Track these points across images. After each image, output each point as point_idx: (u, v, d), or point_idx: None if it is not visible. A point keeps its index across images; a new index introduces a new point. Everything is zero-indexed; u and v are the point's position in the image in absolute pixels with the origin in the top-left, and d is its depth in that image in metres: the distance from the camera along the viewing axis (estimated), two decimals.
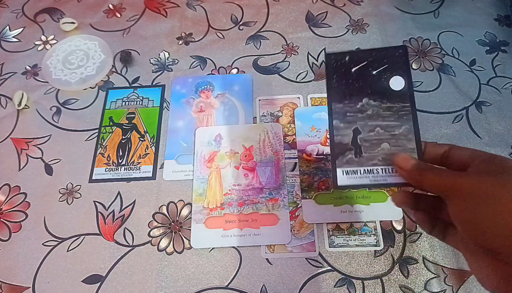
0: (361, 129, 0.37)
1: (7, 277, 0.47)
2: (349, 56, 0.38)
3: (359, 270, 0.45)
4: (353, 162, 0.37)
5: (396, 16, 0.64)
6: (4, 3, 0.71)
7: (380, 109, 0.37)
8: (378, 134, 0.37)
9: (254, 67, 0.60)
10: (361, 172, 0.36)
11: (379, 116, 0.37)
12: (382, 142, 0.36)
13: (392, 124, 0.37)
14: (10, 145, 0.56)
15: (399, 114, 0.37)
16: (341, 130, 0.37)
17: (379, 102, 0.37)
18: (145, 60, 0.62)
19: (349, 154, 0.37)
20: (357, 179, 0.36)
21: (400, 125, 0.36)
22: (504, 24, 0.62)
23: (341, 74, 0.38)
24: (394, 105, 0.37)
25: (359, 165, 0.37)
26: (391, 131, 0.36)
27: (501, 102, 0.55)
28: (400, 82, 0.37)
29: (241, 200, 0.49)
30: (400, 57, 0.38)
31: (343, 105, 0.38)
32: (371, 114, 0.37)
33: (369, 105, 0.37)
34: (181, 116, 0.56)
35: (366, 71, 0.38)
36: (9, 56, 0.64)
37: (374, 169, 0.36)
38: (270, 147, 0.53)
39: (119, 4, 0.69)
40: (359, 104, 0.37)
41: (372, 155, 0.36)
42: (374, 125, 0.37)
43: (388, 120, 0.37)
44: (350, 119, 0.37)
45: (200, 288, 0.45)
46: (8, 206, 0.51)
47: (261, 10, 0.67)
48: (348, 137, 0.37)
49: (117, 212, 0.50)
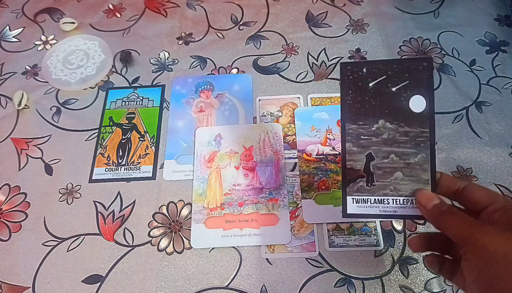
0: (374, 155, 0.35)
1: (7, 277, 0.47)
2: (366, 67, 0.35)
3: (359, 270, 0.45)
4: (364, 190, 0.35)
5: (396, 16, 0.64)
6: (4, 3, 0.71)
7: (396, 133, 0.35)
8: (392, 162, 0.35)
9: (254, 67, 0.60)
10: (371, 201, 0.35)
11: (395, 142, 0.35)
12: (395, 171, 0.35)
13: (407, 152, 0.34)
14: (10, 145, 0.56)
15: (417, 141, 0.34)
16: (353, 155, 0.35)
17: (396, 125, 0.35)
18: (145, 60, 0.62)
19: (360, 182, 0.35)
20: (367, 208, 0.35)
21: (416, 153, 0.34)
22: (504, 24, 0.62)
23: (357, 89, 0.35)
24: (412, 130, 0.34)
25: (370, 194, 0.35)
26: (406, 159, 0.34)
27: (501, 102, 0.55)
28: (421, 102, 0.34)
29: (241, 200, 0.49)
30: (423, 71, 0.34)
31: (357, 126, 0.35)
32: (386, 138, 0.35)
33: (385, 128, 0.35)
34: (181, 116, 0.56)
35: (385, 87, 0.35)
36: (9, 56, 0.64)
37: (385, 199, 0.35)
38: (270, 146, 0.53)
39: (119, 4, 0.69)
40: (375, 126, 0.35)
41: (384, 184, 0.35)
42: (389, 151, 0.35)
43: (404, 147, 0.34)
44: (364, 143, 0.35)
45: (200, 288, 0.45)
46: (8, 206, 0.51)
47: (261, 10, 0.67)
48: (360, 163, 0.35)
49: (117, 212, 0.50)
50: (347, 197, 0.36)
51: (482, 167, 0.50)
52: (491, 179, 0.49)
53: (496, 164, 0.50)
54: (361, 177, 0.35)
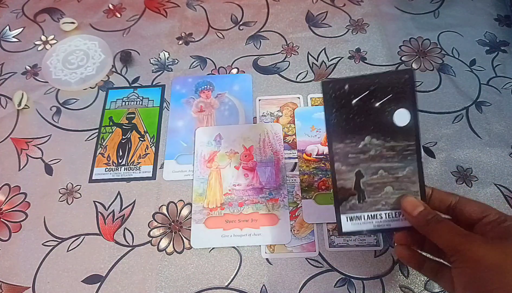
0: (363, 173, 0.35)
1: (7, 277, 0.47)
2: (348, 84, 0.34)
3: (359, 270, 0.45)
4: (356, 208, 0.36)
5: (396, 16, 0.64)
6: (4, 3, 0.71)
7: (383, 148, 0.35)
8: (382, 177, 0.35)
9: (254, 67, 0.60)
10: (364, 217, 0.36)
11: (382, 157, 0.35)
12: (385, 185, 0.35)
13: (395, 166, 0.35)
14: (10, 145, 0.56)
15: (403, 154, 0.35)
16: (343, 174, 0.36)
17: (383, 140, 0.35)
18: (145, 60, 0.62)
19: (352, 199, 0.36)
20: (361, 224, 0.36)
21: (404, 166, 0.35)
22: (504, 24, 0.62)
23: (340, 107, 0.35)
24: (398, 144, 0.35)
25: (363, 211, 0.36)
26: (395, 173, 0.35)
27: (501, 102, 0.55)
28: (405, 116, 0.34)
29: (241, 200, 0.49)
30: (406, 84, 0.35)
31: (344, 145, 0.35)
32: (374, 155, 0.35)
33: (371, 144, 0.35)
34: (181, 116, 0.56)
35: (368, 103, 0.35)
36: (9, 56, 0.64)
37: (377, 214, 0.36)
38: (270, 146, 0.53)
39: (119, 4, 0.69)
40: (361, 144, 0.35)
41: (376, 200, 0.36)
42: (377, 167, 0.35)
43: (391, 161, 0.35)
44: (352, 162, 0.35)
45: (200, 288, 0.45)
46: (8, 206, 0.51)
47: (261, 10, 0.67)
48: (351, 181, 0.36)
49: (117, 212, 0.50)
50: (341, 216, 0.36)
51: (482, 167, 0.50)
52: (491, 179, 0.49)
53: (496, 164, 0.50)
54: (352, 194, 0.36)
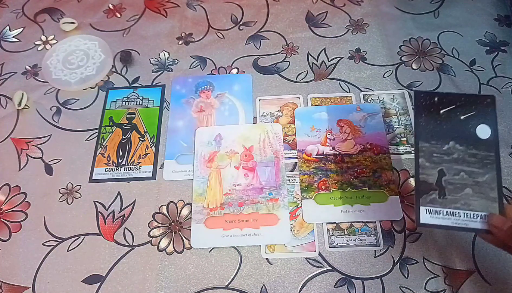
0: (446, 172, 0.39)
1: (7, 277, 0.47)
2: (438, 97, 0.40)
3: (359, 270, 0.45)
4: (436, 202, 0.38)
5: (396, 16, 0.64)
6: (4, 3, 0.71)
7: (465, 154, 0.39)
8: (463, 179, 0.38)
9: (254, 67, 0.60)
10: (443, 213, 0.38)
11: (464, 161, 0.39)
12: (466, 187, 0.38)
13: (476, 171, 0.38)
14: (10, 145, 0.56)
15: (484, 162, 0.38)
16: (426, 170, 0.39)
17: (465, 147, 0.39)
18: (145, 60, 0.62)
19: (433, 194, 0.39)
20: (439, 219, 0.38)
21: (484, 173, 0.38)
22: (504, 24, 0.62)
23: (429, 113, 0.40)
24: (480, 153, 0.39)
25: (442, 206, 0.38)
26: (475, 177, 0.38)
27: (501, 102, 0.55)
28: (486, 131, 0.39)
29: (241, 200, 0.49)
30: (488, 106, 0.40)
31: (429, 145, 0.39)
32: (457, 158, 0.39)
33: (455, 148, 0.39)
34: (181, 116, 0.56)
35: (454, 115, 0.40)
36: (9, 56, 0.64)
37: (456, 212, 0.38)
38: (270, 146, 0.53)
39: (119, 4, 0.69)
40: (446, 147, 0.39)
41: (455, 198, 0.38)
42: (459, 169, 0.39)
43: (473, 166, 0.39)
44: (436, 160, 0.39)
45: (200, 288, 0.45)
46: (8, 206, 0.51)
47: (261, 10, 0.67)
48: (433, 177, 0.39)
49: (117, 212, 0.50)
50: (420, 207, 0.39)
51: None
52: None
53: None
54: (433, 189, 0.39)
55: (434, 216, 0.38)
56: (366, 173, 0.50)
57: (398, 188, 0.49)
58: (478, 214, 0.38)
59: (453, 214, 0.38)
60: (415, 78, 0.57)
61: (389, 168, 0.50)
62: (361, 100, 0.56)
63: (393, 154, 0.51)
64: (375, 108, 0.54)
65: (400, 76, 0.58)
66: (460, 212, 0.38)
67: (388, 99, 0.56)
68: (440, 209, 0.38)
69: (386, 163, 0.50)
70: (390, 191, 0.48)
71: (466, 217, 0.38)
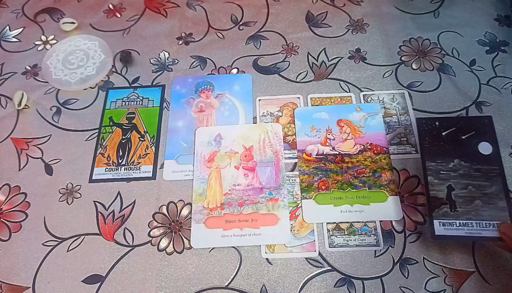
0: (454, 187, 0.42)
1: (7, 277, 0.47)
2: (438, 121, 0.45)
3: (359, 270, 0.45)
4: (448, 215, 0.41)
5: (396, 16, 0.64)
6: (4, 3, 0.71)
7: (471, 170, 0.42)
8: (471, 192, 0.41)
9: (254, 67, 0.60)
10: (457, 224, 0.41)
11: (470, 176, 0.42)
12: (475, 199, 0.41)
13: (483, 184, 0.41)
14: (10, 145, 0.56)
15: (489, 175, 0.41)
16: (435, 186, 0.42)
17: (470, 163, 0.42)
18: (145, 60, 0.62)
19: (444, 208, 0.41)
20: (453, 230, 0.41)
21: (490, 185, 0.41)
22: (504, 24, 0.62)
23: (432, 136, 0.44)
24: (484, 168, 0.42)
25: (455, 218, 0.41)
26: (483, 190, 0.41)
27: (501, 102, 0.55)
28: (487, 147, 0.43)
29: (241, 200, 0.49)
30: (486, 125, 0.44)
31: (436, 163, 0.43)
32: (463, 173, 0.42)
33: (460, 165, 0.42)
34: (181, 116, 0.56)
35: (456, 135, 0.44)
36: (9, 56, 0.64)
37: (469, 222, 0.41)
38: (270, 146, 0.53)
39: (119, 4, 0.69)
40: (451, 164, 0.43)
41: (467, 210, 0.41)
42: (467, 183, 0.42)
43: (479, 180, 0.41)
44: (444, 177, 0.42)
45: (200, 288, 0.45)
46: (8, 206, 0.51)
47: (261, 10, 0.67)
48: (443, 192, 0.42)
49: (117, 212, 0.50)
50: (433, 221, 0.41)
51: None
52: None
53: None
54: (444, 203, 0.41)
55: (448, 228, 0.41)
56: (366, 173, 0.50)
57: (398, 188, 0.49)
58: (490, 223, 0.40)
59: (466, 224, 0.40)
60: (415, 78, 0.57)
61: (389, 168, 0.50)
62: (361, 100, 0.56)
63: (393, 154, 0.51)
64: (375, 108, 0.54)
65: (400, 76, 0.58)
66: (472, 222, 0.40)
67: (388, 99, 0.56)
68: (453, 221, 0.41)
69: (386, 163, 0.50)
70: (390, 191, 0.49)
71: (479, 226, 0.40)
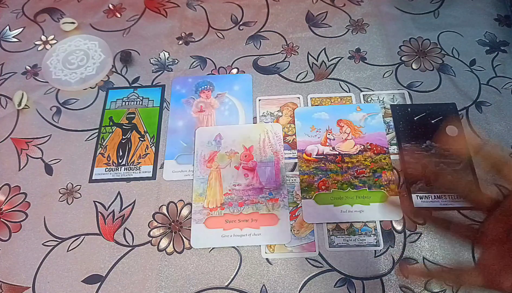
0: (428, 164, 0.48)
1: (7, 277, 0.47)
2: (410, 108, 0.53)
3: (359, 270, 0.45)
4: (424, 189, 0.47)
5: (396, 16, 0.64)
6: (4, 3, 0.71)
7: (441, 149, 0.48)
8: (442, 169, 0.47)
9: (254, 67, 0.60)
10: (432, 197, 0.47)
11: (441, 156, 0.48)
12: (447, 175, 0.42)
13: (452, 162, 0.48)
14: (10, 145, 0.56)
15: (457, 154, 0.47)
16: (411, 164, 0.48)
17: (440, 144, 0.49)
18: (145, 60, 0.62)
19: (420, 183, 0.47)
20: (429, 202, 0.47)
21: (459, 162, 0.48)
22: (504, 24, 0.62)
23: (405, 120, 0.52)
24: (452, 147, 0.48)
25: (430, 192, 0.47)
26: (453, 167, 0.48)
27: (501, 102, 0.55)
28: (454, 130, 0.50)
29: (241, 200, 0.49)
30: (451, 111, 0.52)
31: (410, 144, 0.50)
32: (434, 153, 0.48)
33: (432, 146, 0.49)
34: (181, 116, 0.56)
35: (426, 120, 0.51)
36: (9, 56, 0.64)
37: (442, 195, 0.46)
38: (270, 146, 0.53)
39: (119, 4, 0.69)
40: (424, 145, 0.49)
41: (440, 184, 0.44)
42: (438, 161, 0.48)
43: (449, 159, 0.48)
44: (418, 156, 0.49)
45: (200, 288, 0.45)
46: (8, 206, 0.51)
47: (261, 10, 0.67)
48: (417, 170, 0.49)
49: (117, 212, 0.50)
50: (412, 195, 0.47)
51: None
52: (491, 179, 0.49)
53: None
54: (419, 179, 0.47)
55: (424, 200, 0.47)
56: (366, 173, 0.50)
57: (398, 188, 0.49)
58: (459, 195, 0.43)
59: (440, 197, 0.46)
60: (415, 78, 0.57)
61: (389, 168, 0.50)
62: (361, 100, 0.56)
63: (393, 154, 0.51)
64: (375, 108, 0.54)
65: (400, 76, 0.58)
66: (445, 195, 0.46)
67: (388, 99, 0.56)
68: (428, 194, 0.47)
69: (386, 163, 0.50)
70: (390, 191, 0.49)
71: (451, 198, 0.46)
